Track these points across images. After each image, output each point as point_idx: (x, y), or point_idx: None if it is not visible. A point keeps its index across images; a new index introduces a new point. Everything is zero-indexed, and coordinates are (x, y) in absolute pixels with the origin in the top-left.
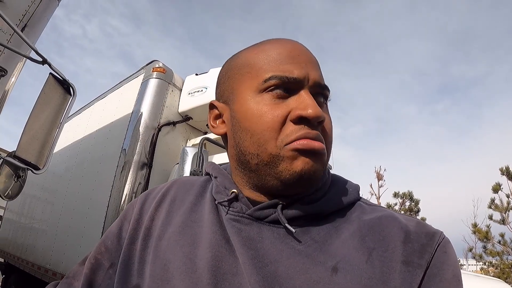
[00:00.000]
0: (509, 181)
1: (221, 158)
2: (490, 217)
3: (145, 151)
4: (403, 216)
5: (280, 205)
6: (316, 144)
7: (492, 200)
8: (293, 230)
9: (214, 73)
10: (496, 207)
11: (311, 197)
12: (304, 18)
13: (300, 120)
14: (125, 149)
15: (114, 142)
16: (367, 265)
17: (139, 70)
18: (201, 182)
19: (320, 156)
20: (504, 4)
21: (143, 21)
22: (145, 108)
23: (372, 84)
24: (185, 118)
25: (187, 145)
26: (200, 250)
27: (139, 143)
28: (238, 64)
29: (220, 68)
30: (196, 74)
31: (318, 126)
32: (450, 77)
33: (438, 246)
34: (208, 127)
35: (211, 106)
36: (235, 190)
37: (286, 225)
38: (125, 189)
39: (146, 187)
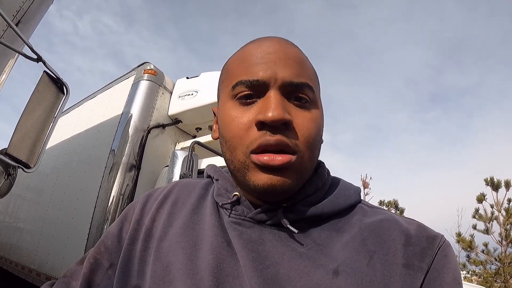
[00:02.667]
0: (493, 192)
1: (210, 162)
2: (474, 227)
3: (134, 153)
4: (404, 219)
5: (282, 207)
6: (277, 161)
7: (477, 210)
8: (296, 231)
9: (205, 77)
10: (480, 217)
11: (311, 198)
12: (299, 22)
13: (262, 125)
14: (114, 150)
15: (102, 142)
16: (368, 268)
17: (130, 72)
18: (202, 184)
19: (284, 171)
20: (499, 14)
21: (136, 20)
22: (135, 110)
23: (364, 91)
24: (175, 121)
25: (176, 148)
26: (202, 252)
27: (128, 144)
28: (223, 69)
29: (211, 72)
30: (187, 78)
31: (285, 128)
32: (442, 86)
33: (438, 250)
34: (197, 131)
35: (214, 110)
36: (237, 193)
37: (289, 226)
38: (112, 190)
39: (134, 189)
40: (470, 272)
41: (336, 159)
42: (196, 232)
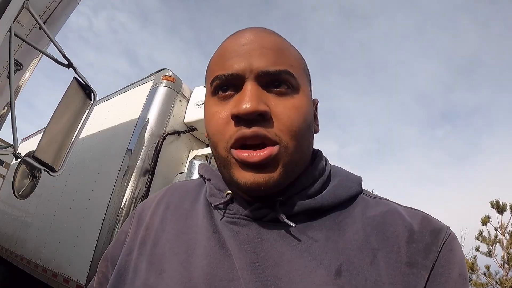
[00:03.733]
0: (498, 215)
1: None
2: (477, 249)
3: (149, 157)
4: (408, 211)
5: (278, 202)
6: (256, 158)
7: (480, 232)
8: (293, 225)
9: None
10: (484, 239)
11: (309, 190)
12: (312, 31)
13: (237, 119)
14: (130, 150)
15: (117, 144)
16: (371, 267)
17: (148, 76)
18: (194, 186)
19: (267, 166)
20: None
21: (151, 21)
22: (152, 115)
23: (373, 104)
24: (190, 128)
25: (190, 155)
26: (195, 258)
27: (143, 149)
28: (206, 68)
29: None
30: (204, 87)
31: (262, 120)
32: (452, 103)
33: (443, 244)
34: None
35: None
36: (230, 191)
37: (285, 220)
38: (126, 193)
39: (147, 193)
40: None
41: None
42: (189, 237)
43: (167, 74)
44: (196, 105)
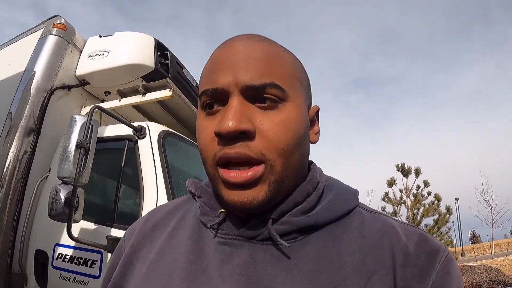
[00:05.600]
0: (403, 177)
1: (114, 129)
2: (383, 209)
3: (34, 115)
4: (405, 228)
5: (271, 220)
6: (239, 179)
7: (386, 194)
8: (287, 245)
9: (119, 37)
10: (390, 200)
11: (303, 206)
12: None
13: (220, 137)
14: (11, 112)
15: (1, 103)
16: None
17: (38, 25)
18: (182, 202)
19: (252, 185)
20: (432, 11)
21: None
22: (39, 67)
23: None
24: (82, 82)
25: (82, 112)
26: (175, 281)
27: (28, 105)
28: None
29: (126, 32)
30: (100, 36)
31: (246, 138)
32: (368, 72)
33: (439, 267)
34: (106, 95)
35: None
36: (223, 210)
37: (279, 240)
38: (8, 156)
39: (32, 155)
40: None
41: None
42: (172, 258)
43: (58, 22)
44: (90, 56)
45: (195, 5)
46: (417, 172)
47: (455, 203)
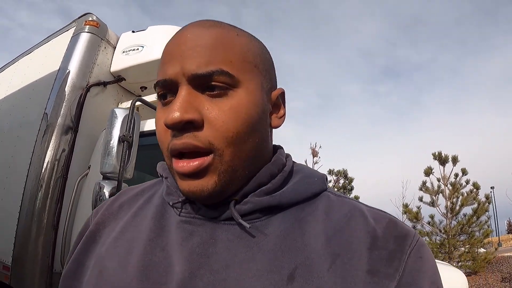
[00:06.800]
0: (440, 166)
1: (153, 124)
2: (421, 199)
3: (70, 113)
4: (374, 213)
5: (233, 201)
6: (186, 168)
7: (424, 183)
8: (248, 226)
9: (152, 31)
10: (427, 190)
11: (267, 187)
12: None
13: (169, 128)
14: (47, 112)
15: (37, 103)
16: (328, 273)
17: (70, 24)
18: (151, 184)
19: (200, 174)
20: None
21: None
22: (73, 65)
23: (316, 59)
24: (118, 78)
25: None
26: (133, 258)
27: (64, 104)
28: None
29: (159, 26)
30: (133, 32)
31: (193, 128)
32: (395, 60)
33: (411, 251)
34: (142, 90)
35: None
36: None
37: (240, 220)
38: (46, 155)
39: (70, 154)
40: None
41: (286, 127)
42: (133, 235)
43: (90, 19)
44: (124, 52)
45: (219, 1)
46: (455, 160)
47: (491, 191)
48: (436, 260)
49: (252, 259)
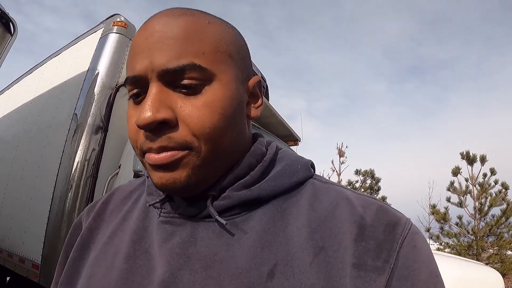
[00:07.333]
0: (468, 166)
1: None
2: (448, 200)
3: (100, 113)
4: (362, 200)
5: (210, 197)
6: (158, 160)
7: (451, 183)
8: (224, 222)
9: None
10: (455, 190)
11: (245, 180)
12: None
13: (142, 129)
14: (77, 112)
15: (66, 103)
16: (310, 268)
17: (98, 25)
18: (138, 184)
19: (173, 167)
20: None
21: None
22: (102, 66)
23: (341, 59)
24: None
25: None
26: (118, 261)
27: (94, 104)
28: None
29: None
30: None
31: (167, 127)
32: (420, 58)
33: (404, 240)
34: None
35: None
36: None
37: (217, 217)
38: (77, 155)
39: (100, 153)
40: (443, 244)
41: (312, 127)
42: (120, 239)
43: (118, 20)
44: None
45: (242, 1)
46: (483, 160)
47: None
48: (471, 260)
49: (232, 257)
